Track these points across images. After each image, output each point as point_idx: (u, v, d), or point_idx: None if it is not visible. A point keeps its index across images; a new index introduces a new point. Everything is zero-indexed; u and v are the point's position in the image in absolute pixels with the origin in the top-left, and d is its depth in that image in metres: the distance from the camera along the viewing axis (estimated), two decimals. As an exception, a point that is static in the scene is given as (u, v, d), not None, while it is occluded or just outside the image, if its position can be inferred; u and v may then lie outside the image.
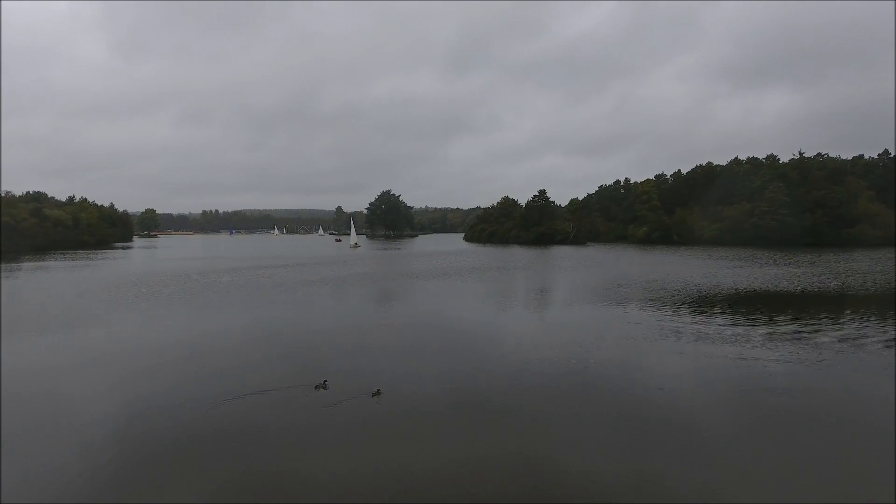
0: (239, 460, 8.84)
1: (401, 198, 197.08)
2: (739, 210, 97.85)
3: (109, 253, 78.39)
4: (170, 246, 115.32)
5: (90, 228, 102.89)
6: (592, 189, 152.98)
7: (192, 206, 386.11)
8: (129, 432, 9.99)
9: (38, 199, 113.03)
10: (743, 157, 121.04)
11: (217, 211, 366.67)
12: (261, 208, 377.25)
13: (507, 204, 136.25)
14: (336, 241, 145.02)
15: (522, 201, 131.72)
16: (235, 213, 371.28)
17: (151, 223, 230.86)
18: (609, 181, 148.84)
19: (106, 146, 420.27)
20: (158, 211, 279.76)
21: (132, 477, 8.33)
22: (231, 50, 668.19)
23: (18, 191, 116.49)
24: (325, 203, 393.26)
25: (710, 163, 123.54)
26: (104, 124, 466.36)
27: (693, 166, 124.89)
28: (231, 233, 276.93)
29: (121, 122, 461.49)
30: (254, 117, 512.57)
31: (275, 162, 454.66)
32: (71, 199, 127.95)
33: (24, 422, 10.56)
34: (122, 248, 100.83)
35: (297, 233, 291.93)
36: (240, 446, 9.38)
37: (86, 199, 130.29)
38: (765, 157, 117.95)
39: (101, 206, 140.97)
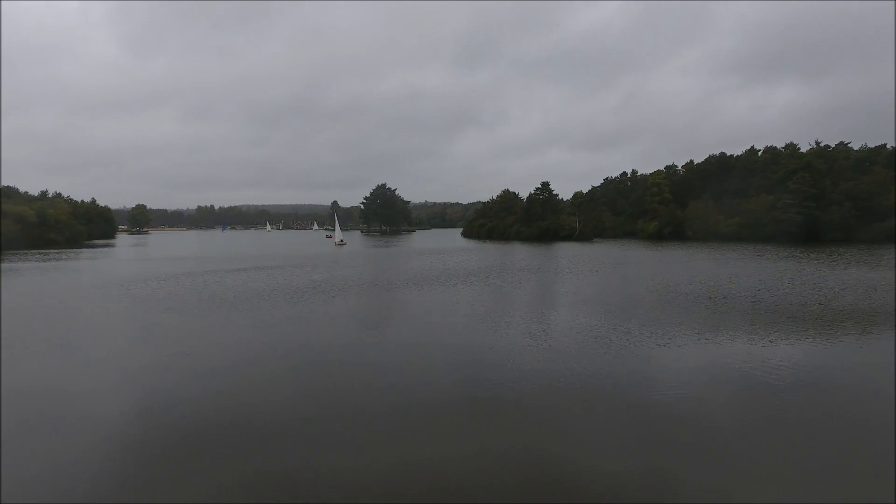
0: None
1: (397, 192, 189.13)
2: (759, 203, 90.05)
3: (68, 252, 70.97)
4: (150, 243, 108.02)
5: (58, 225, 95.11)
6: (596, 184, 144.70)
7: (196, 201, 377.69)
8: None
9: (7, 194, 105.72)
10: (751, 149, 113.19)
11: (212, 206, 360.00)
12: (262, 204, 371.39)
13: (508, 197, 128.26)
14: (327, 237, 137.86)
15: (524, 195, 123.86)
16: (231, 209, 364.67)
17: (142, 219, 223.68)
18: (614, 174, 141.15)
19: (111, 142, 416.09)
20: (158, 207, 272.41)
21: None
22: (240, 45, 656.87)
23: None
24: (329, 198, 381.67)
25: (723, 153, 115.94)
26: (110, 121, 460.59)
27: (699, 160, 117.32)
28: (223, 229, 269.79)
29: (127, 118, 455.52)
30: (260, 113, 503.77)
31: (279, 157, 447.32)
32: (44, 193, 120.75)
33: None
34: (98, 245, 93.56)
35: (292, 228, 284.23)
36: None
37: (60, 193, 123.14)
38: (783, 146, 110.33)
39: (81, 201, 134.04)
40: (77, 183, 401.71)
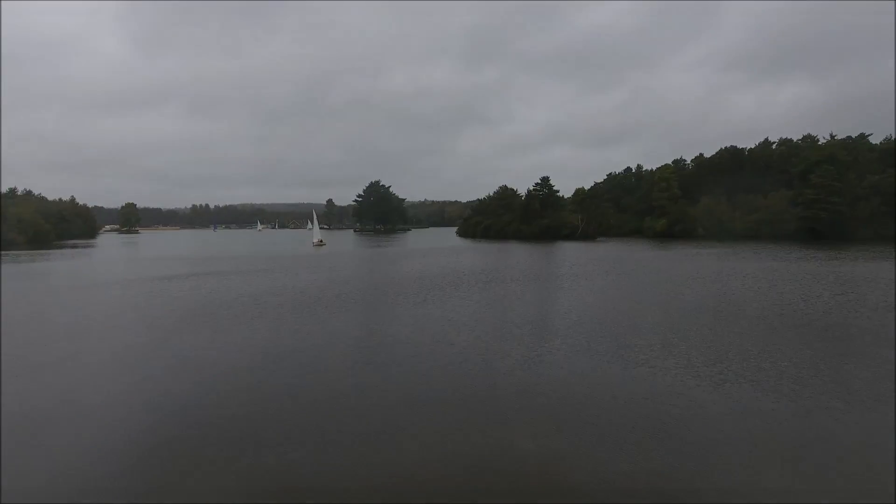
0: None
1: (391, 189, 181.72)
2: (778, 199, 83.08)
3: (8, 254, 64.09)
4: (130, 244, 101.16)
5: (21, 224, 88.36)
6: (599, 180, 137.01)
7: (199, 199, 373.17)
8: None
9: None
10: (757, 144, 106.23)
11: (207, 205, 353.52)
12: (260, 202, 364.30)
13: (506, 194, 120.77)
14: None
15: (524, 192, 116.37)
16: (226, 208, 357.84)
17: (132, 218, 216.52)
18: (618, 170, 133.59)
19: (116, 140, 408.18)
20: (159, 205, 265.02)
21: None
22: (247, 43, 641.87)
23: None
24: (331, 196, 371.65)
25: (734, 146, 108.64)
26: (116, 118, 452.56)
27: (708, 154, 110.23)
28: (214, 228, 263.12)
29: (132, 116, 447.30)
30: (264, 110, 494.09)
31: (282, 155, 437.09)
32: (12, 190, 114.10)
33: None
34: (68, 246, 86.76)
35: (287, 227, 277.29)
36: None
37: (30, 191, 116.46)
38: (800, 138, 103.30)
39: (59, 199, 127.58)
40: (80, 181, 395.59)
